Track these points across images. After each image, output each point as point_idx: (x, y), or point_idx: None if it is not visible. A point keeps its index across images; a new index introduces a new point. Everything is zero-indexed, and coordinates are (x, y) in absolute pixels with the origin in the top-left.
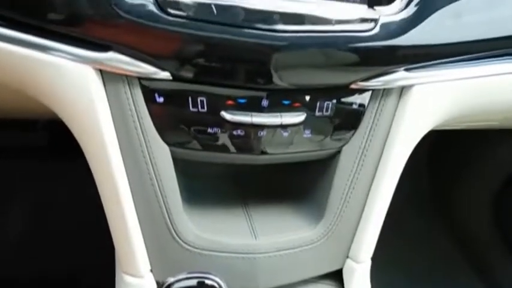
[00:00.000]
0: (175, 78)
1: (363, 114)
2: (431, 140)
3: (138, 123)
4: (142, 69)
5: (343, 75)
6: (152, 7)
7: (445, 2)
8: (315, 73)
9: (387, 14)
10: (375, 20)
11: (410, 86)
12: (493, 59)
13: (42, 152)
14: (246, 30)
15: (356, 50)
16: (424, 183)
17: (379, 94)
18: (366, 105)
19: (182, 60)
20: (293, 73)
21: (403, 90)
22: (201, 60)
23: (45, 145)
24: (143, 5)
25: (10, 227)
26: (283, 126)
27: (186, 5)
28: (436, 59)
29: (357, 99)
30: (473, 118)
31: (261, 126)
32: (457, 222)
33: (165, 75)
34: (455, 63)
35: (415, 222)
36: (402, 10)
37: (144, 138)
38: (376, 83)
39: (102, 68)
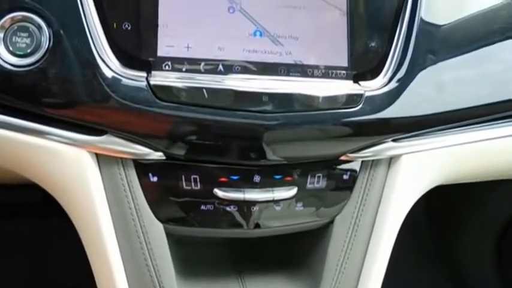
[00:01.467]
0: (169, 157)
1: (354, 185)
2: None
3: (132, 202)
4: (137, 151)
5: (333, 148)
6: (146, 93)
7: (427, 75)
8: (305, 148)
9: (372, 89)
10: (360, 96)
11: (399, 156)
12: (482, 124)
13: (36, 209)
14: (237, 112)
15: (344, 125)
16: (423, 228)
17: (369, 164)
18: (356, 175)
19: (176, 141)
20: (284, 149)
21: (392, 159)
22: (194, 141)
23: (39, 201)
24: (137, 91)
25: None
26: (276, 201)
27: (178, 89)
28: (422, 129)
29: (347, 170)
30: (468, 178)
31: (254, 202)
32: (457, 268)
33: (159, 155)
34: (442, 131)
35: (414, 269)
36: (386, 85)
37: (138, 217)
38: (365, 154)
39: (97, 151)
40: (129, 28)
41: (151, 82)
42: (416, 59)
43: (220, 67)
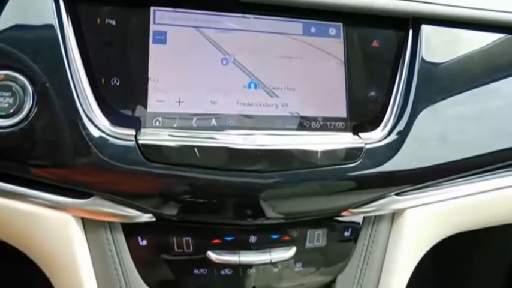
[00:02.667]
0: (159, 219)
1: (356, 241)
2: None
3: (119, 268)
4: (126, 213)
5: (333, 204)
6: (134, 153)
7: (429, 125)
8: (304, 205)
9: (372, 141)
10: (361, 149)
11: (402, 210)
12: (486, 174)
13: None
14: (231, 172)
15: (344, 180)
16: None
17: (371, 220)
18: (358, 232)
19: (166, 202)
20: (281, 207)
21: (395, 214)
22: (186, 202)
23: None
24: (125, 151)
25: None
26: (273, 263)
27: (169, 149)
28: (426, 181)
29: (348, 226)
30: (475, 227)
31: (250, 265)
32: None
33: (149, 216)
34: (445, 183)
35: None
36: (386, 137)
37: (126, 283)
38: (367, 209)
39: (83, 215)
40: (117, 83)
41: (140, 141)
42: (417, 109)
43: (213, 122)
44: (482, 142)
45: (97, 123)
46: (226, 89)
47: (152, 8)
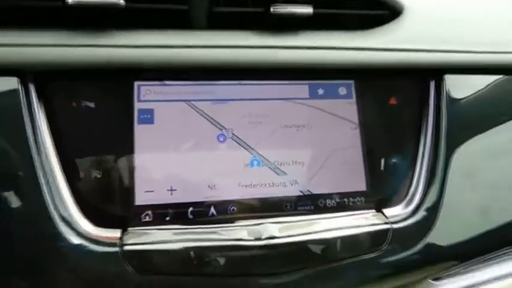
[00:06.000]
0: None
1: None
2: None
3: None
4: None
5: None
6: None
7: (462, 197)
8: None
9: (398, 220)
10: (386, 232)
11: None
12: None
13: None
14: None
15: (370, 271)
16: None
17: None
18: None
19: None
20: None
21: None
22: None
23: None
24: (109, 261)
25: None
26: None
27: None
28: (465, 261)
29: None
30: None
31: None
32: None
33: None
34: (493, 259)
35: None
36: (414, 213)
37: None
38: None
39: None
40: (99, 176)
41: (126, 248)
42: (448, 177)
43: (212, 210)
44: None
45: (75, 226)
46: (225, 171)
47: (136, 83)
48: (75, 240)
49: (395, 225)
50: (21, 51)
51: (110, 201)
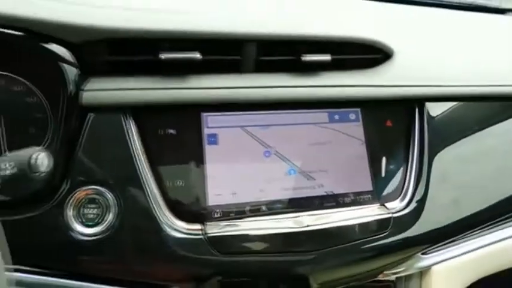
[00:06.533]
0: None
1: None
2: None
3: None
4: None
5: (368, 269)
6: (206, 246)
7: (442, 191)
8: (343, 274)
9: (396, 211)
10: (389, 220)
11: (428, 267)
12: (497, 225)
13: None
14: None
15: (377, 249)
16: None
17: (402, 280)
18: None
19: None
20: (325, 277)
21: (422, 272)
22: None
23: None
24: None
25: None
26: None
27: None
28: (446, 239)
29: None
30: (498, 269)
31: None
32: None
33: None
34: (464, 238)
35: None
36: (407, 206)
37: None
38: (398, 269)
39: None
40: (181, 184)
41: (209, 235)
42: (430, 179)
43: (263, 208)
44: (490, 196)
45: (169, 222)
46: (270, 178)
47: (204, 114)
48: (171, 232)
49: (395, 215)
50: (123, 93)
51: (190, 203)
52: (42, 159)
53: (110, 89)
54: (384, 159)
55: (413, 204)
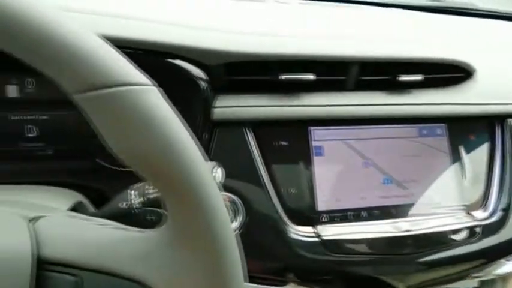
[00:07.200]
0: None
1: None
2: None
3: None
4: None
5: (458, 272)
6: (320, 248)
7: None
8: (436, 275)
9: (483, 219)
10: (478, 227)
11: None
12: None
13: None
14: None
15: (467, 254)
16: None
17: (486, 285)
18: None
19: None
20: (420, 278)
21: (506, 278)
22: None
23: None
24: (313, 246)
25: None
26: None
27: (343, 242)
28: None
29: None
30: None
31: None
32: None
33: None
34: None
35: None
36: (492, 215)
37: None
38: (483, 273)
39: None
40: (294, 191)
41: (323, 238)
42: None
43: (364, 214)
44: None
45: (288, 225)
46: (369, 186)
47: (310, 128)
48: (292, 234)
49: (482, 223)
50: (245, 110)
51: (302, 208)
52: (220, 172)
53: (234, 106)
54: (467, 171)
55: (498, 213)
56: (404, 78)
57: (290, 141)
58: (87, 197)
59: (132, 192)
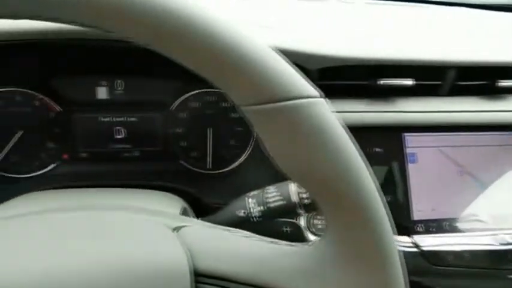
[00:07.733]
0: None
1: None
2: None
3: None
4: None
5: None
6: (420, 259)
7: None
8: None
9: None
10: None
11: None
12: None
13: None
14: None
15: None
16: None
17: None
18: None
19: None
20: None
21: None
22: None
23: None
24: (413, 257)
25: None
26: None
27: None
28: None
29: None
30: None
31: None
32: None
33: None
34: None
35: None
36: None
37: None
38: None
39: None
40: (388, 199)
41: (424, 248)
42: None
43: (459, 224)
44: None
45: None
46: (464, 195)
47: (404, 135)
48: None
49: None
50: (341, 115)
51: (397, 217)
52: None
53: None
54: None
55: None
56: (504, 83)
57: (384, 147)
58: None
59: (250, 200)
